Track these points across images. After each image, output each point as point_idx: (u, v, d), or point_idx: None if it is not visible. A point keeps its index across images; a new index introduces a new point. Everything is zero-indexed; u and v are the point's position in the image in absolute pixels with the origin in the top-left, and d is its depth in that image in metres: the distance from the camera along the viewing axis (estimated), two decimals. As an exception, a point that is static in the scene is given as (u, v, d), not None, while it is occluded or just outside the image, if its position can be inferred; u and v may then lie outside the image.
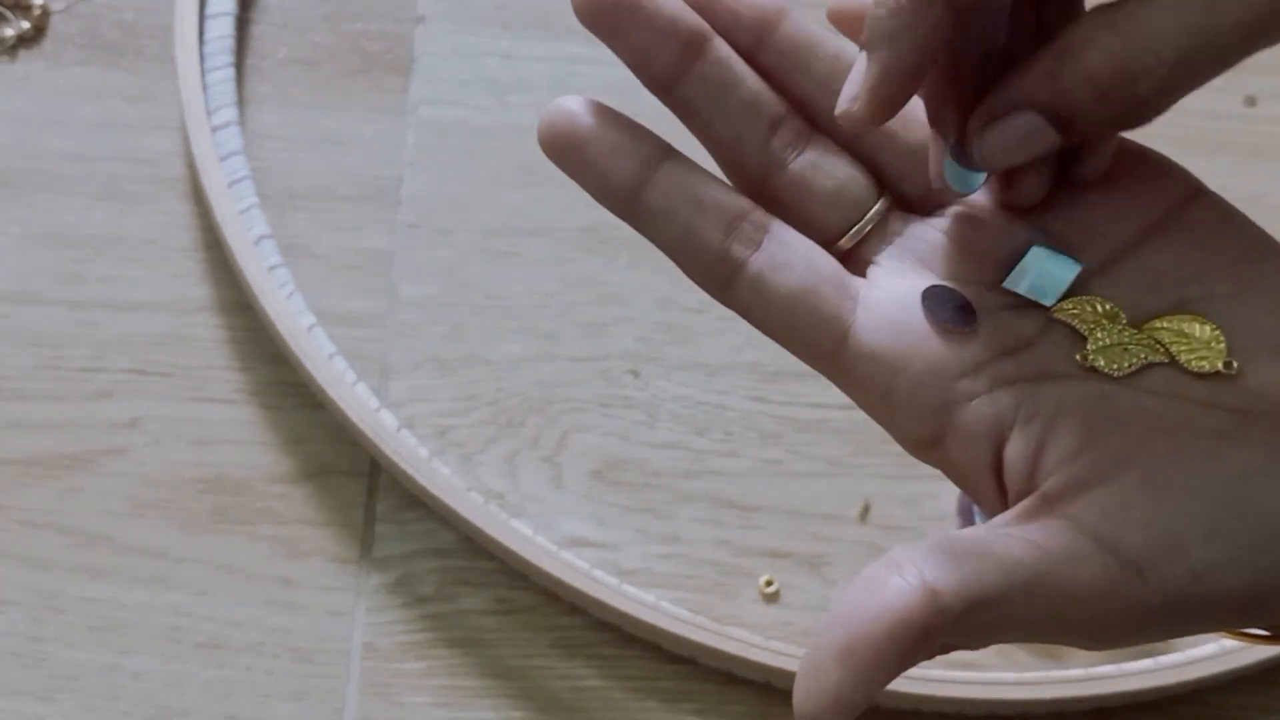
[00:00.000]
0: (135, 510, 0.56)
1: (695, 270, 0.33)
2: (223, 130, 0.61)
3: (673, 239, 0.33)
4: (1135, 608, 0.29)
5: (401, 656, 0.55)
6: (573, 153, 0.33)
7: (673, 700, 0.54)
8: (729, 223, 0.33)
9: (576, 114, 0.33)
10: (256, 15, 0.65)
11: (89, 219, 0.61)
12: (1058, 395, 0.32)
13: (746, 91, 0.34)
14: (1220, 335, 0.32)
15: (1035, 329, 0.33)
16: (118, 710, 0.54)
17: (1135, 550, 0.29)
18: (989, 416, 0.32)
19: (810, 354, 0.33)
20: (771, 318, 0.33)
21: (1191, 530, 0.29)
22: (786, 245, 0.33)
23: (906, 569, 0.29)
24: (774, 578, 0.56)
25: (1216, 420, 0.31)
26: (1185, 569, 0.29)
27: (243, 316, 0.59)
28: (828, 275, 0.33)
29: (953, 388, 0.32)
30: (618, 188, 0.33)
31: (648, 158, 0.33)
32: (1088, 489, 0.30)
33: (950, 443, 0.32)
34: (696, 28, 0.33)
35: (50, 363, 0.58)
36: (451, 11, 0.65)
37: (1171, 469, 0.30)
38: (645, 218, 0.33)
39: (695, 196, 0.33)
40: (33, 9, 0.64)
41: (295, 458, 0.57)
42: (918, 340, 0.32)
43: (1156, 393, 0.31)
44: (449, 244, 0.61)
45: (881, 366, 0.32)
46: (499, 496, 0.57)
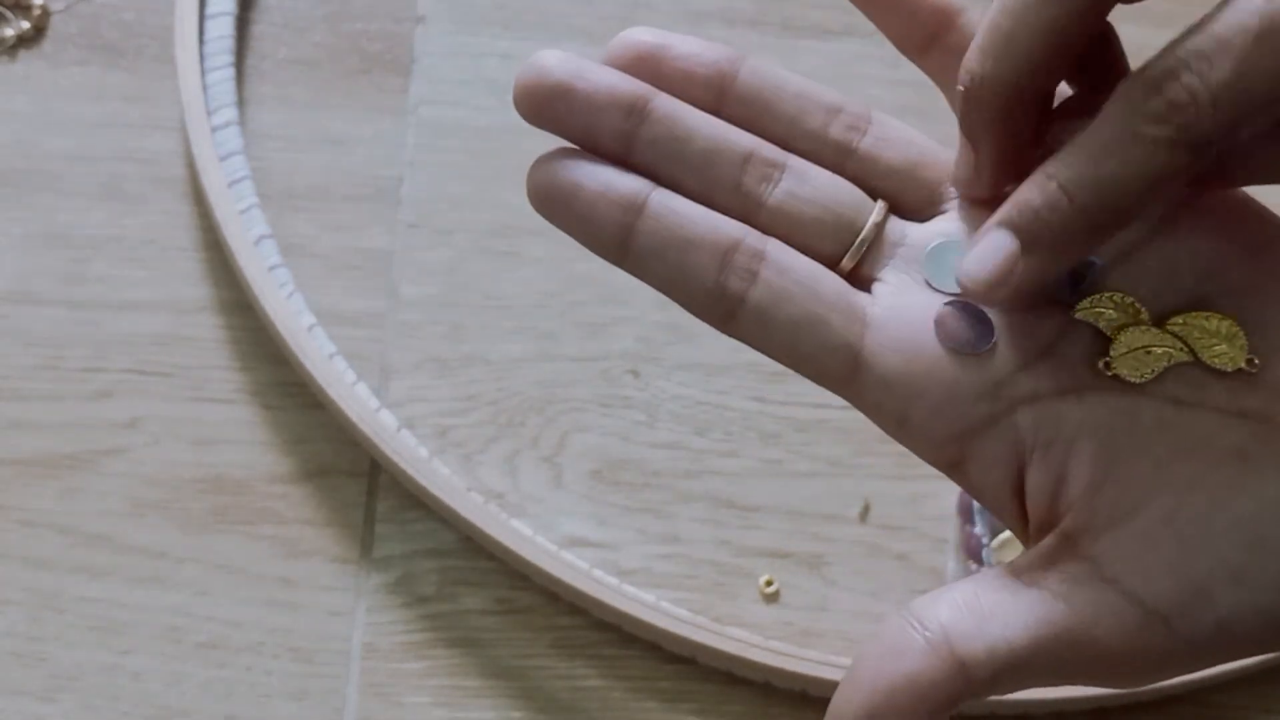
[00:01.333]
0: (135, 510, 0.56)
1: (694, 308, 0.32)
2: (223, 130, 0.61)
3: (666, 280, 0.32)
4: (1160, 656, 0.29)
5: (401, 656, 0.55)
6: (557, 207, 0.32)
7: (673, 700, 0.54)
8: (722, 256, 0.32)
9: (559, 164, 0.32)
10: (256, 15, 0.65)
11: (89, 219, 0.61)
12: (1078, 414, 0.31)
13: (702, 140, 0.33)
14: (1240, 332, 0.31)
15: (1054, 330, 0.32)
16: (118, 710, 0.54)
17: (1162, 601, 0.29)
18: (1009, 442, 0.31)
19: (822, 380, 0.32)
20: (778, 348, 0.32)
21: (1217, 574, 0.29)
22: (785, 272, 0.32)
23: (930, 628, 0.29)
24: (774, 578, 0.56)
25: (1237, 435, 0.30)
26: (1212, 617, 0.29)
27: (243, 316, 0.59)
28: (832, 300, 0.32)
29: (970, 413, 0.31)
30: (605, 239, 0.32)
31: (630, 201, 0.32)
32: (1110, 528, 0.30)
33: (971, 467, 0.32)
34: (634, 92, 0.32)
35: (50, 363, 0.58)
36: (451, 11, 0.65)
37: (1193, 503, 0.30)
38: (636, 263, 0.32)
39: (683, 235, 0.32)
40: (33, 9, 0.64)
41: (295, 458, 0.57)
42: (932, 363, 0.31)
43: (1178, 399, 0.31)
44: (449, 244, 0.61)
45: (896, 392, 0.32)
46: (499, 496, 0.57)
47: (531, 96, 0.32)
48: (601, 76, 0.32)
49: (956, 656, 0.28)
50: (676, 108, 0.33)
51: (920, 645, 0.29)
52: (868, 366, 0.32)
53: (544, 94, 0.32)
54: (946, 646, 0.28)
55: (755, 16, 0.65)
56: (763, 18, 0.65)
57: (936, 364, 0.31)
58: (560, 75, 0.32)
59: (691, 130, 0.33)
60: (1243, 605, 0.29)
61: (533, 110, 0.32)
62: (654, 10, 0.65)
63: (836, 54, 0.65)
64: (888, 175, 0.34)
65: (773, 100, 0.34)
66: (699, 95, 0.33)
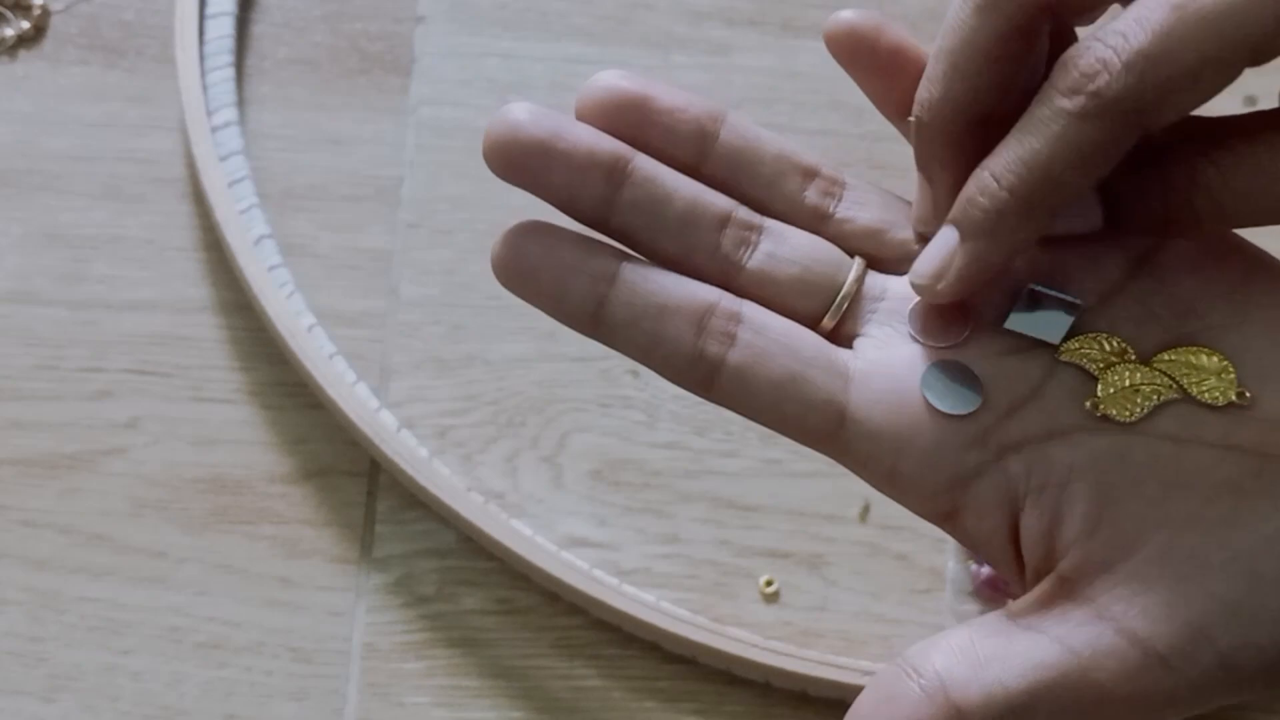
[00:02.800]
0: (135, 510, 0.56)
1: (673, 375, 0.32)
2: (223, 130, 0.61)
3: (642, 349, 0.32)
4: (1162, 697, 0.29)
5: (401, 656, 0.55)
6: (524, 282, 0.32)
7: (673, 700, 0.54)
8: (698, 320, 0.32)
9: (524, 238, 0.32)
10: (256, 15, 0.65)
11: (89, 219, 0.61)
12: (1069, 456, 0.31)
13: (681, 203, 0.32)
14: (1229, 365, 0.31)
15: (1041, 373, 0.32)
16: (118, 710, 0.54)
17: (1161, 642, 0.29)
18: (1001, 489, 0.31)
19: (808, 439, 0.32)
20: (762, 409, 0.32)
21: (1215, 613, 0.29)
22: (763, 332, 0.32)
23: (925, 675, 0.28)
24: (774, 578, 0.56)
25: (1232, 469, 0.30)
26: (1212, 656, 0.29)
27: (243, 316, 0.59)
28: (812, 357, 0.32)
29: (960, 462, 0.31)
30: (576, 311, 0.32)
31: (601, 273, 0.32)
32: (1106, 569, 0.29)
33: (964, 517, 0.31)
34: (614, 153, 0.32)
35: (50, 363, 0.58)
36: (451, 11, 0.65)
37: (1189, 541, 0.29)
38: (610, 334, 0.32)
39: (657, 302, 0.32)
40: (33, 9, 0.64)
41: (295, 458, 0.57)
42: (918, 416, 0.31)
43: (1170, 436, 0.31)
44: (449, 244, 0.61)
45: (883, 446, 0.31)
46: (499, 496, 0.57)
47: (505, 153, 0.31)
48: (580, 135, 0.32)
49: (952, 703, 0.28)
50: (656, 170, 0.32)
51: (915, 694, 0.28)
52: (853, 421, 0.31)
53: (519, 151, 0.31)
54: (942, 694, 0.28)
55: (755, 16, 0.65)
56: (763, 18, 0.65)
57: (922, 417, 0.31)
58: (536, 133, 0.31)
59: (670, 193, 0.32)
60: (1243, 643, 0.29)
61: (506, 167, 0.32)
62: (654, 10, 0.65)
63: (836, 54, 0.65)
64: (863, 236, 0.34)
65: (752, 161, 0.33)
66: (681, 152, 0.33)
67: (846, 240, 0.34)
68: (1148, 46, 0.28)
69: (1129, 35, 0.29)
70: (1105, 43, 0.29)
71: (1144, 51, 0.28)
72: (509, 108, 0.32)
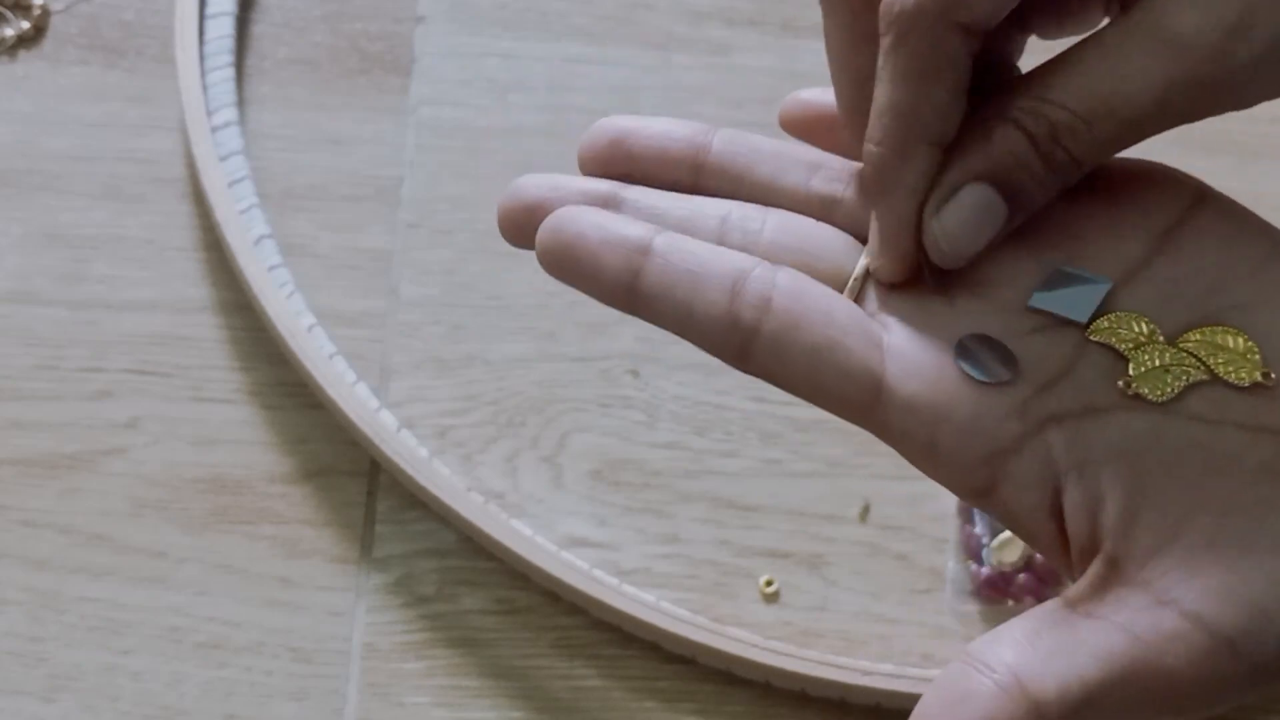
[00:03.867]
0: (135, 510, 0.56)
1: (708, 344, 0.32)
2: (223, 130, 0.61)
3: (678, 318, 0.32)
4: (1227, 681, 0.29)
5: (401, 656, 0.55)
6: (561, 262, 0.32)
7: (673, 700, 0.54)
8: (732, 285, 0.31)
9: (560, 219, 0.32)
10: (256, 15, 0.65)
11: (89, 219, 0.61)
12: (1105, 436, 0.30)
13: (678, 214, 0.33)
14: (1254, 346, 0.31)
15: (1072, 352, 0.31)
16: (118, 710, 0.54)
17: (1226, 625, 0.28)
18: (1040, 462, 0.31)
19: (844, 410, 0.32)
20: (798, 379, 0.31)
21: (1271, 594, 0.28)
22: (799, 298, 0.31)
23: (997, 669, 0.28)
24: (774, 578, 0.56)
25: (1264, 452, 0.30)
26: (1274, 636, 0.28)
27: (243, 316, 0.59)
28: (848, 324, 0.31)
29: (999, 434, 0.31)
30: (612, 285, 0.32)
31: (635, 244, 0.32)
32: (1156, 554, 0.29)
33: (1004, 491, 0.31)
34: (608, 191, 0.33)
35: (50, 363, 0.58)
36: (451, 11, 0.65)
37: (1234, 525, 0.29)
38: (646, 304, 0.32)
39: (690, 269, 0.31)
40: (33, 9, 0.64)
41: (295, 458, 0.57)
42: (956, 386, 0.31)
43: (1201, 418, 0.30)
44: (449, 244, 0.61)
45: (922, 418, 0.31)
46: (499, 496, 0.57)
47: (512, 219, 0.33)
48: (573, 185, 0.33)
49: (1029, 697, 0.28)
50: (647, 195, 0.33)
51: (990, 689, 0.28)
52: (891, 393, 0.31)
53: (522, 213, 0.33)
54: (1018, 688, 0.28)
55: (755, 16, 0.65)
56: (763, 18, 0.65)
57: (960, 387, 0.31)
58: (535, 194, 0.33)
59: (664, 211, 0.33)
60: None
61: (514, 233, 0.33)
62: (654, 10, 0.65)
63: (836, 54, 0.65)
64: None
65: (749, 165, 0.34)
66: (676, 174, 0.33)
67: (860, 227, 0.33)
68: None
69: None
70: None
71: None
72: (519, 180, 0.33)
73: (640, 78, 0.64)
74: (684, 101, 0.63)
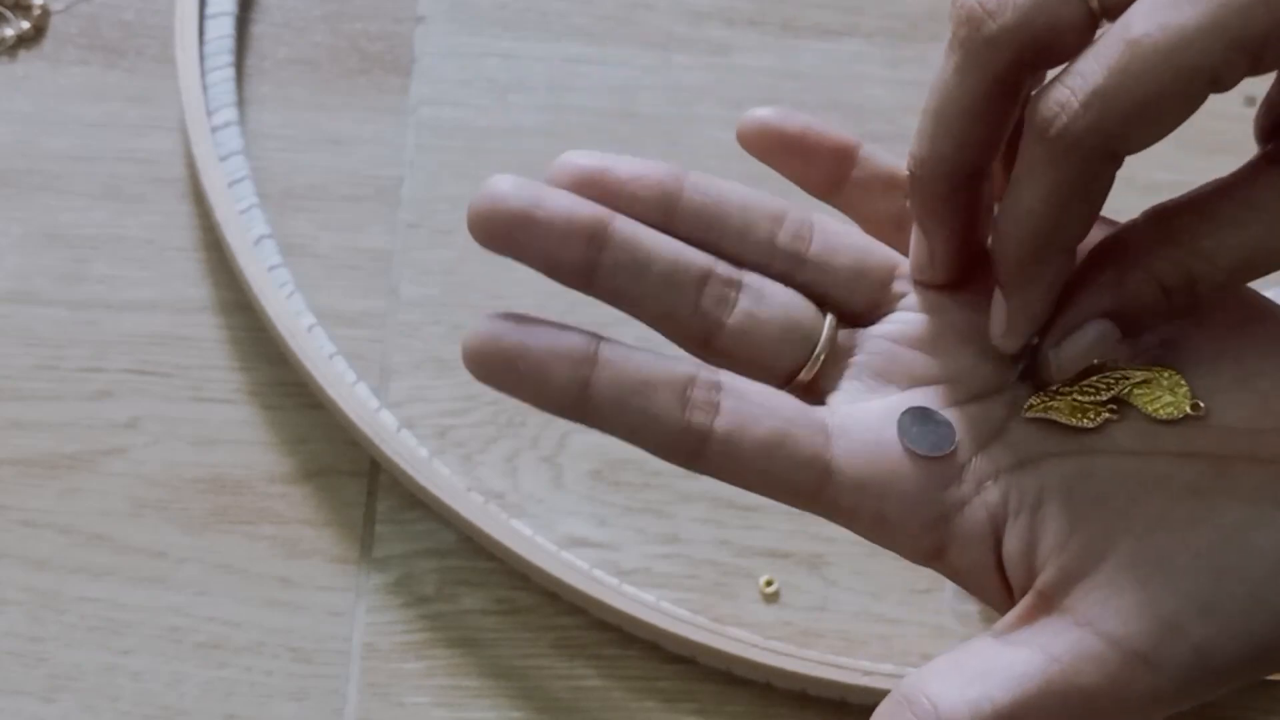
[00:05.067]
0: (135, 510, 0.56)
1: (661, 449, 0.33)
2: (223, 130, 0.61)
3: (631, 427, 0.32)
4: (1147, 695, 0.30)
5: (401, 656, 0.55)
6: (503, 373, 0.32)
7: (673, 700, 0.54)
8: (681, 393, 0.32)
9: (499, 332, 0.32)
10: (256, 15, 0.65)
11: (89, 219, 0.61)
12: (1038, 479, 0.32)
13: (662, 264, 0.33)
14: (1180, 379, 0.32)
15: (1004, 415, 0.33)
16: (118, 710, 0.54)
17: (1137, 640, 0.30)
18: (982, 520, 0.32)
19: (795, 498, 0.33)
20: (749, 474, 0.33)
21: (1186, 608, 0.30)
22: (745, 398, 0.32)
23: (919, 704, 0.30)
24: (774, 578, 0.56)
25: (1192, 474, 0.31)
26: (1188, 649, 0.29)
27: (243, 316, 0.59)
28: (793, 416, 0.33)
29: (943, 499, 0.32)
30: (560, 396, 0.32)
31: (581, 355, 0.32)
32: (1080, 578, 0.31)
33: (951, 552, 0.33)
34: (594, 218, 0.33)
35: (50, 363, 0.58)
36: (451, 11, 0.65)
37: (1156, 543, 0.30)
38: (596, 415, 0.32)
39: (640, 379, 0.32)
40: (33, 9, 0.64)
41: (295, 458, 0.57)
42: (898, 461, 0.33)
43: (1132, 450, 0.32)
44: (449, 244, 0.61)
45: (869, 494, 0.32)
46: (499, 496, 0.57)
47: (488, 224, 0.32)
48: (559, 202, 0.32)
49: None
50: (636, 230, 0.33)
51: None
52: (839, 474, 0.32)
53: (502, 222, 0.32)
54: (934, 716, 0.29)
55: (755, 16, 0.65)
56: (763, 18, 0.65)
57: (903, 461, 0.32)
58: (517, 203, 0.32)
59: (650, 253, 0.33)
60: (1216, 634, 0.29)
61: (490, 238, 0.32)
62: (654, 10, 0.65)
63: (836, 54, 0.65)
64: (837, 280, 0.35)
65: (719, 215, 0.34)
66: (648, 216, 0.34)
67: (820, 286, 0.35)
68: (1103, 84, 0.29)
69: (1086, 74, 0.29)
70: (1064, 84, 0.30)
71: (1100, 90, 0.29)
72: (492, 181, 0.32)
73: (640, 78, 0.64)
74: (684, 101, 0.63)
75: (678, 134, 0.63)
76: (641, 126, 0.63)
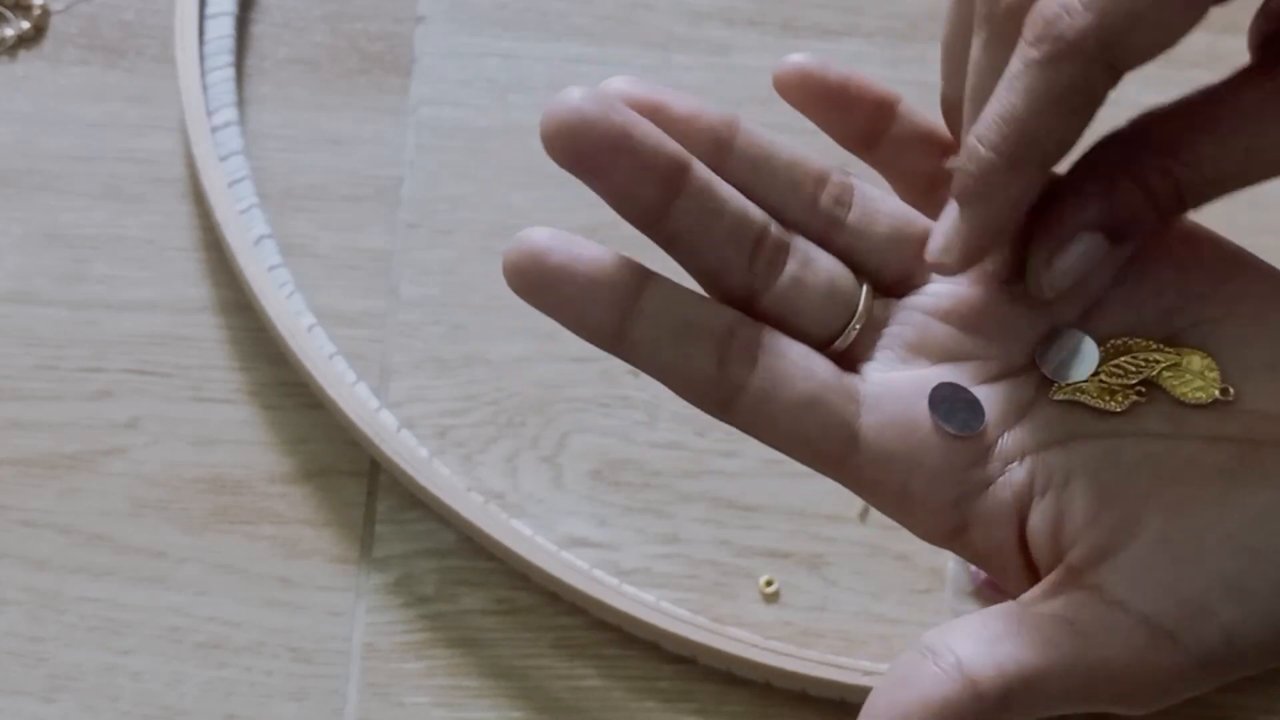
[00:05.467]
0: (135, 510, 0.56)
1: (692, 395, 0.32)
2: (223, 130, 0.61)
3: (666, 368, 0.32)
4: (1171, 672, 0.30)
5: (401, 656, 0.55)
6: (546, 293, 0.32)
7: (673, 700, 0.54)
8: (720, 343, 0.32)
9: (545, 250, 0.31)
10: (256, 15, 0.65)
11: (89, 219, 0.61)
12: (1065, 459, 0.32)
13: (730, 218, 0.32)
14: (1212, 363, 0.32)
15: (1032, 394, 0.33)
16: (118, 710, 0.54)
17: (1165, 617, 0.29)
18: (1007, 499, 0.32)
19: (819, 462, 0.33)
20: (778, 433, 0.32)
21: (1215, 588, 0.29)
22: (783, 357, 0.32)
23: (942, 655, 0.29)
24: (774, 578, 0.56)
25: (1222, 456, 0.31)
26: (1215, 629, 0.29)
27: (243, 316, 0.59)
28: (829, 381, 0.32)
29: (968, 477, 0.32)
30: (601, 327, 0.32)
31: (626, 288, 0.32)
32: (1109, 555, 0.30)
33: (973, 531, 0.32)
34: (677, 158, 0.32)
35: (50, 363, 0.58)
36: (451, 11, 0.65)
37: (1186, 523, 0.30)
38: (633, 352, 0.32)
39: (682, 322, 0.32)
40: (33, 9, 0.64)
41: (295, 458, 0.57)
42: (927, 436, 0.32)
43: (1160, 434, 0.32)
44: (449, 244, 0.61)
45: (894, 468, 0.32)
46: (499, 496, 0.57)
47: (575, 141, 0.31)
48: (648, 134, 0.31)
49: (967, 676, 0.29)
50: (710, 178, 0.32)
51: (932, 670, 0.29)
52: (866, 444, 0.32)
53: (590, 142, 0.31)
54: (958, 669, 0.29)
55: (755, 16, 0.65)
56: (763, 18, 0.65)
57: (931, 436, 0.32)
58: (610, 124, 0.31)
59: (723, 205, 0.32)
60: (1244, 616, 0.29)
61: (574, 156, 0.31)
62: (654, 10, 0.65)
63: (836, 54, 0.65)
64: (873, 246, 0.34)
65: (768, 170, 0.34)
66: (700, 149, 0.33)
67: (857, 253, 0.34)
68: None
69: None
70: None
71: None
72: (585, 94, 0.31)
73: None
74: (684, 101, 0.63)
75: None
76: (641, 126, 0.63)
